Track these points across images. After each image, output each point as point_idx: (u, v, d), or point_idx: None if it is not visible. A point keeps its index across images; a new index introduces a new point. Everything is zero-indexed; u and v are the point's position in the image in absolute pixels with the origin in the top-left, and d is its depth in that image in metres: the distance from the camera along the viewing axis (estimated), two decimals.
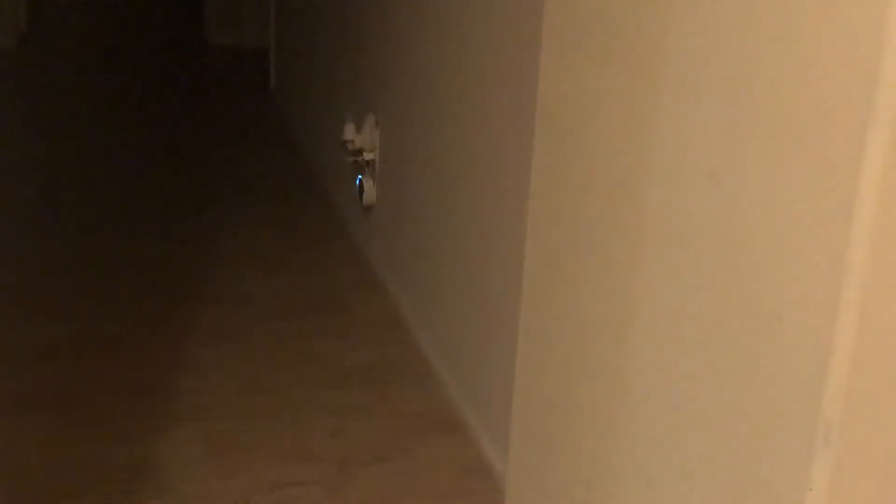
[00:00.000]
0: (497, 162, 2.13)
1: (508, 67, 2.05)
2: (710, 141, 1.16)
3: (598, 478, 1.49)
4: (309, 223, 3.50)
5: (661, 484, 1.31)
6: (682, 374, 1.24)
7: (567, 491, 1.59)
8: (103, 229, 3.34)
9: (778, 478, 1.05)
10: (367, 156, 3.04)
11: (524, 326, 1.71)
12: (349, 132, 3.08)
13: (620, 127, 1.36)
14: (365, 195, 3.06)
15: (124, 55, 5.92)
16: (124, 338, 2.64)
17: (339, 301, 2.94)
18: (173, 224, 3.42)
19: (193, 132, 4.51)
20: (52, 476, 2.08)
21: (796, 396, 1.02)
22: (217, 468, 2.14)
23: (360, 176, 3.08)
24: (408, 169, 2.76)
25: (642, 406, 1.34)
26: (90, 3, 7.40)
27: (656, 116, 1.27)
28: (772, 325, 1.06)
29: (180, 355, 2.57)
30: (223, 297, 2.90)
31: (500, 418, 2.12)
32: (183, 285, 2.96)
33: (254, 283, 3.01)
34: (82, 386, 2.41)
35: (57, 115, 4.65)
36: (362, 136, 3.05)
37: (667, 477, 1.29)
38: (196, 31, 6.27)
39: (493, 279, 2.18)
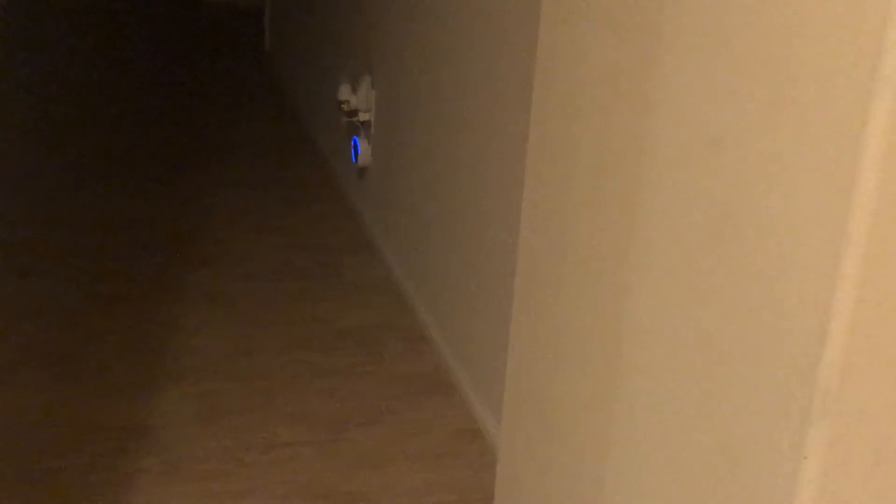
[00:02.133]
0: (494, 123, 2.12)
1: (507, 28, 2.03)
2: (712, 105, 1.15)
3: (590, 443, 1.49)
4: (302, 184, 3.48)
5: (655, 449, 1.31)
6: (678, 340, 1.24)
7: (559, 454, 1.60)
8: (94, 189, 3.32)
9: (774, 447, 1.05)
10: (363, 117, 3.02)
11: (519, 290, 1.71)
12: (345, 93, 3.06)
13: (619, 90, 1.35)
14: (360, 156, 3.05)
15: (117, 13, 5.87)
16: (116, 297, 2.63)
17: (332, 263, 2.93)
18: (166, 185, 3.41)
19: (187, 91, 4.48)
20: (44, 434, 2.08)
21: (793, 365, 1.01)
22: (209, 428, 2.14)
23: (355, 137, 3.06)
24: (403, 130, 2.75)
25: (637, 372, 1.34)
26: None
27: (656, 80, 1.26)
28: (770, 292, 1.05)
29: (173, 316, 2.56)
30: (216, 258, 2.90)
31: (492, 380, 2.12)
32: (176, 246, 2.95)
33: (247, 244, 3.01)
34: (75, 344, 2.41)
35: (49, 75, 4.62)
36: (358, 97, 3.03)
37: (660, 443, 1.29)
38: None
39: (488, 241, 2.17)
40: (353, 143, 3.08)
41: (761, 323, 1.07)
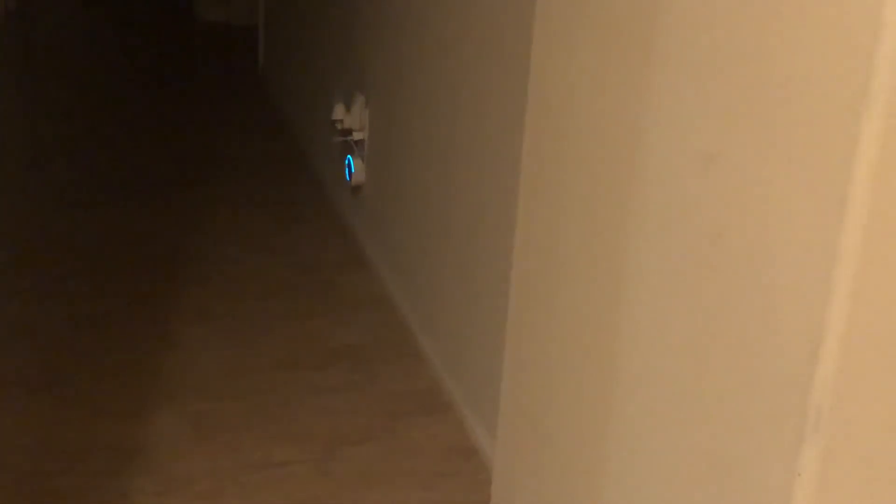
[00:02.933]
0: (487, 142, 2.12)
1: (500, 45, 2.04)
2: (704, 122, 1.16)
3: (585, 460, 1.49)
4: (296, 202, 3.48)
5: (650, 466, 1.31)
6: (671, 357, 1.24)
7: (554, 472, 1.60)
8: (88, 207, 3.32)
9: (767, 463, 1.05)
10: (357, 136, 3.03)
11: (513, 307, 1.71)
12: (338, 112, 3.07)
13: (612, 105, 1.36)
14: (354, 175, 3.05)
15: (112, 32, 5.88)
16: (109, 316, 2.63)
17: (326, 281, 2.93)
18: (159, 202, 3.40)
19: (181, 109, 4.49)
20: (38, 455, 2.08)
21: (786, 382, 1.02)
22: (204, 448, 2.13)
23: (348, 156, 3.07)
24: (397, 149, 2.75)
25: (631, 389, 1.34)
26: None
27: (649, 95, 1.26)
28: (762, 309, 1.06)
29: (166, 334, 2.56)
30: (209, 276, 2.89)
31: (487, 398, 2.12)
32: (168, 264, 2.95)
33: (240, 262, 3.00)
34: (67, 364, 2.40)
35: (44, 93, 4.62)
36: (352, 116, 3.03)
37: (656, 460, 1.29)
38: (184, 8, 6.23)
39: (482, 259, 2.17)
40: (346, 161, 3.08)
41: (754, 340, 1.07)
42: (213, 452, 2.12)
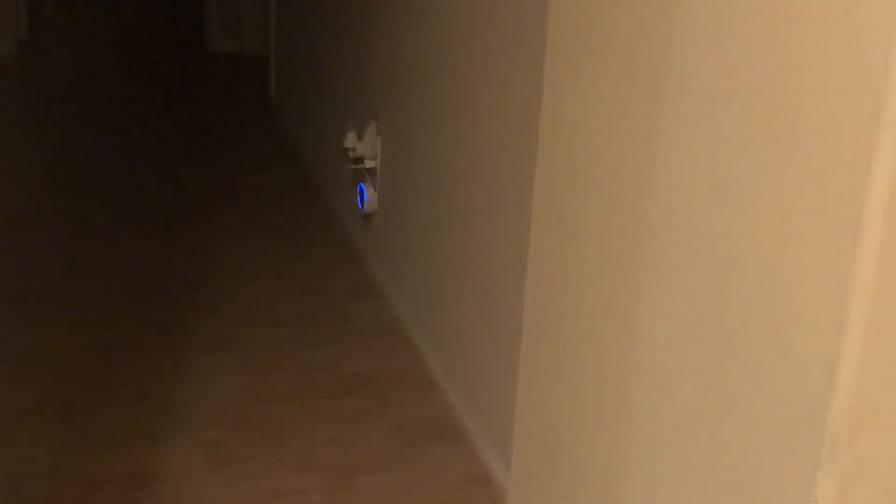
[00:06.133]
0: (500, 169, 2.13)
1: (511, 74, 2.05)
2: (715, 150, 1.16)
3: (601, 487, 1.49)
4: (309, 231, 3.49)
5: (666, 495, 1.31)
6: (686, 385, 1.24)
7: (570, 499, 1.59)
8: (101, 237, 3.33)
9: (784, 491, 1.05)
10: (369, 163, 3.04)
11: (527, 334, 1.71)
12: (350, 140, 3.08)
13: (624, 135, 1.37)
14: (366, 203, 3.06)
15: (124, 62, 5.92)
16: (123, 346, 2.64)
17: (339, 309, 2.93)
18: (172, 232, 3.42)
19: (193, 139, 4.51)
20: (53, 484, 2.08)
21: (802, 410, 1.02)
22: (218, 476, 2.14)
23: (361, 184, 3.08)
24: (409, 177, 2.76)
25: (646, 417, 1.34)
26: (90, 9, 7.40)
27: (660, 125, 1.27)
28: (777, 337, 1.06)
29: (180, 363, 2.57)
30: (222, 304, 2.90)
31: (501, 425, 2.12)
32: (181, 293, 2.96)
33: (253, 290, 3.01)
34: (82, 394, 2.41)
35: (56, 123, 4.65)
36: (364, 144, 3.05)
37: (672, 488, 1.29)
38: (196, 39, 6.27)
39: (495, 286, 2.18)
40: (359, 189, 3.09)
41: (770, 369, 1.07)
42: (228, 481, 2.12)
